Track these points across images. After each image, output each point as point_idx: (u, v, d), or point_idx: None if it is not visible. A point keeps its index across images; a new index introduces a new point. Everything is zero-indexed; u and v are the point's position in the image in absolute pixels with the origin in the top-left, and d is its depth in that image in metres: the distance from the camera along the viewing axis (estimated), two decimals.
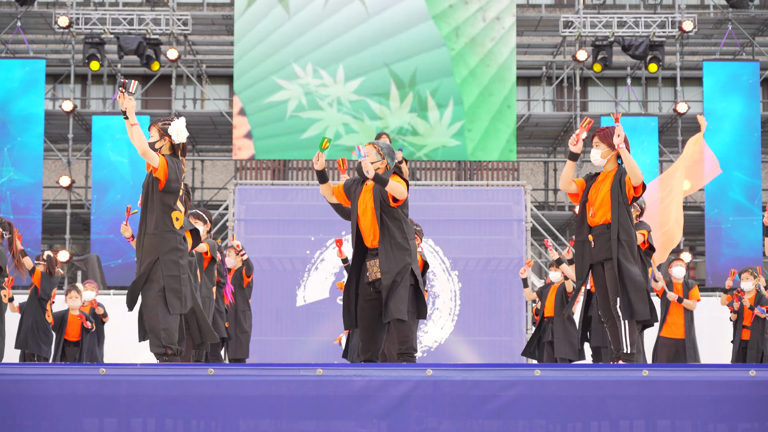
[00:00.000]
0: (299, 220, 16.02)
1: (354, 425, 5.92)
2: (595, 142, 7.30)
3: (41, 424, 5.92)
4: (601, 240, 7.17)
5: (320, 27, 18.83)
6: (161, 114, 19.91)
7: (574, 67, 20.04)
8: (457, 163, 19.89)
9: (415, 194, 15.22)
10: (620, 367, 6.60)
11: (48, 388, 5.97)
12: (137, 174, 18.57)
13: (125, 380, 6.01)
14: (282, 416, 5.96)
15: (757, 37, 20.56)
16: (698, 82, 20.42)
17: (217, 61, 22.21)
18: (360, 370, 6.08)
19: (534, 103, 21.62)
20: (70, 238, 19.57)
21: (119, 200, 17.94)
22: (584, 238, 7.26)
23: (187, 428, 5.97)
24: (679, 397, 5.95)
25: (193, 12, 20.27)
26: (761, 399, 5.91)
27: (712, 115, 18.61)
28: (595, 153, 7.27)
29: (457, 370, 6.12)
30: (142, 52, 18.95)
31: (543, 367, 6.11)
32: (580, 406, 5.95)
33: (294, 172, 20.59)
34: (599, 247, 7.17)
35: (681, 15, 19.47)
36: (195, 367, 6.27)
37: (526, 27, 20.77)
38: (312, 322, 14.70)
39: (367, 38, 18.79)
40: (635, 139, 18.83)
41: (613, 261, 7.10)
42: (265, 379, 6.07)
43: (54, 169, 21.71)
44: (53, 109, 20.60)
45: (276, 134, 18.77)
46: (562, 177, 7.37)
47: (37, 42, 21.57)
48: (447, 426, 5.92)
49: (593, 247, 7.20)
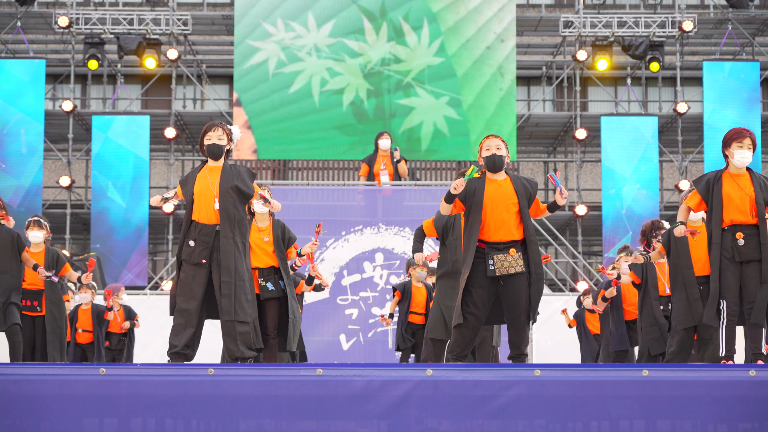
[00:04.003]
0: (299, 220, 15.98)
1: (354, 425, 5.92)
2: (748, 144, 7.29)
3: (41, 424, 5.92)
4: (753, 241, 7.21)
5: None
6: (161, 114, 19.92)
7: (574, 67, 20.03)
8: (457, 163, 19.87)
9: (415, 194, 15.22)
10: (620, 367, 6.60)
11: (48, 388, 5.97)
12: (137, 174, 18.58)
13: (125, 380, 6.01)
14: (282, 416, 5.96)
15: (757, 37, 20.55)
16: (698, 82, 20.40)
17: (217, 61, 22.21)
18: (360, 370, 6.08)
19: (534, 103, 21.62)
20: (70, 238, 19.57)
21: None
22: (721, 237, 7.26)
23: (187, 428, 5.97)
24: (679, 397, 5.95)
25: (193, 12, 20.26)
26: (761, 399, 5.91)
27: (711, 116, 18.62)
28: (747, 154, 7.28)
29: (457, 370, 6.12)
30: (142, 52, 18.96)
31: (543, 367, 6.10)
32: (580, 406, 5.95)
33: (294, 172, 20.58)
34: (752, 248, 7.21)
35: (681, 15, 19.46)
36: (195, 367, 6.27)
37: (526, 27, 20.77)
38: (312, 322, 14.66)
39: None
40: (635, 139, 18.84)
41: (763, 263, 7.16)
42: (265, 379, 6.07)
43: (54, 169, 21.70)
44: (53, 109, 20.59)
45: (264, 96, 18.81)
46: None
47: (37, 42, 21.56)
48: (447, 426, 5.92)
49: (742, 246, 7.20)
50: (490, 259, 7.08)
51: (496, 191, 7.17)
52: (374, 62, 18.76)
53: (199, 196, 7.32)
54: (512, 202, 7.16)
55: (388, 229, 14.90)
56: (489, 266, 7.06)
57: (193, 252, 7.25)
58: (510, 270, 7.06)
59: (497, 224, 7.13)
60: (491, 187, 7.19)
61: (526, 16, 21.02)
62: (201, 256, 7.22)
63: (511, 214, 7.16)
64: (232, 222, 7.26)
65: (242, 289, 7.24)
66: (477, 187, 7.19)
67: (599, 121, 19.16)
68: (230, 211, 7.27)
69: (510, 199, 7.17)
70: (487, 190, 7.17)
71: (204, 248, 7.24)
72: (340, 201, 15.41)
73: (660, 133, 19.51)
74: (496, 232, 7.13)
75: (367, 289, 14.75)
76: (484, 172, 7.27)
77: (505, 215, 7.15)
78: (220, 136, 7.46)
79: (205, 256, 7.23)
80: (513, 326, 7.18)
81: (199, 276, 7.24)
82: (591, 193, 21.78)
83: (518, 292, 7.09)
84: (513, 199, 7.17)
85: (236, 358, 7.26)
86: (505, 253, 7.10)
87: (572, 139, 19.96)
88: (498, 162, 7.21)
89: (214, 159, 7.44)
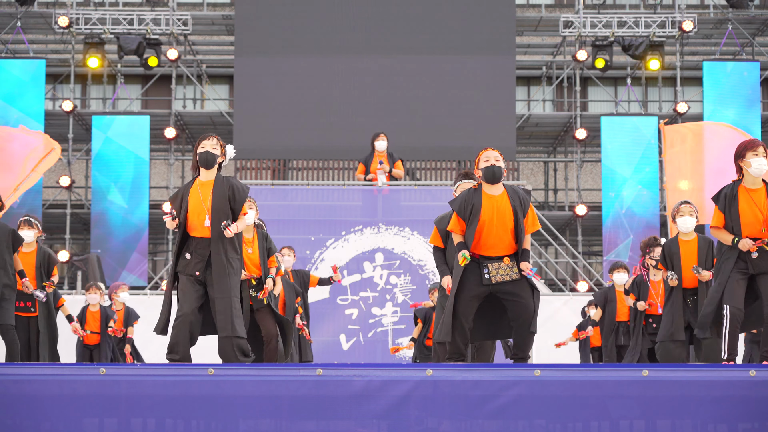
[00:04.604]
0: (299, 220, 16.00)
1: (354, 425, 5.92)
2: (762, 152, 7.27)
3: (41, 424, 5.92)
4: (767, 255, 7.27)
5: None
6: (161, 114, 19.92)
7: (574, 67, 20.03)
8: (457, 162, 19.87)
9: (415, 194, 15.22)
10: (620, 367, 6.60)
11: (48, 388, 5.97)
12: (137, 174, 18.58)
13: (125, 380, 6.01)
14: (282, 416, 5.96)
15: (757, 37, 20.55)
16: (698, 82, 20.40)
17: (217, 61, 22.21)
18: (360, 370, 6.08)
19: (534, 103, 21.62)
20: (70, 238, 19.56)
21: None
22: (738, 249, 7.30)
23: (187, 428, 5.97)
24: (679, 397, 5.95)
25: (193, 12, 20.26)
26: (761, 399, 5.91)
27: (711, 116, 18.60)
28: (764, 162, 7.24)
29: (457, 370, 6.12)
30: (142, 52, 18.96)
31: (543, 367, 6.10)
32: (580, 406, 5.95)
33: (294, 172, 20.58)
34: (766, 261, 7.26)
35: (681, 15, 19.46)
36: (195, 367, 6.26)
37: (526, 27, 20.77)
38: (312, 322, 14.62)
39: None
40: (635, 139, 18.83)
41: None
42: (265, 379, 6.07)
43: (54, 169, 21.67)
44: (53, 109, 20.59)
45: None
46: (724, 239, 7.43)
47: (37, 42, 21.56)
48: (447, 426, 5.92)
49: (756, 258, 7.25)
50: (484, 268, 7.12)
51: (493, 209, 7.17)
52: None
53: (192, 213, 7.30)
54: (509, 218, 7.17)
55: (388, 229, 14.90)
56: (484, 274, 7.10)
57: (188, 265, 7.29)
58: (505, 278, 7.10)
59: (493, 242, 7.17)
60: (488, 204, 7.19)
61: (526, 16, 21.02)
62: (195, 268, 7.26)
63: (507, 232, 7.18)
64: (224, 238, 7.24)
65: (235, 305, 7.28)
66: (474, 203, 7.20)
67: (599, 121, 19.16)
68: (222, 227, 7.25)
69: (506, 215, 7.17)
70: (484, 207, 7.17)
71: (199, 261, 7.27)
72: (340, 201, 15.41)
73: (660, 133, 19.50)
74: (491, 248, 7.17)
75: (367, 289, 14.75)
76: (480, 185, 7.28)
77: (501, 234, 7.17)
78: (214, 145, 7.43)
79: (199, 269, 7.25)
80: (519, 333, 7.21)
81: (194, 289, 7.27)
82: (591, 193, 21.78)
83: (527, 298, 7.13)
84: (509, 215, 7.17)
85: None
86: (500, 262, 7.14)
87: (572, 139, 19.95)
88: (498, 173, 7.23)
89: (206, 168, 7.38)
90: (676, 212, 8.93)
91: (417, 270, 14.69)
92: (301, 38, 18.80)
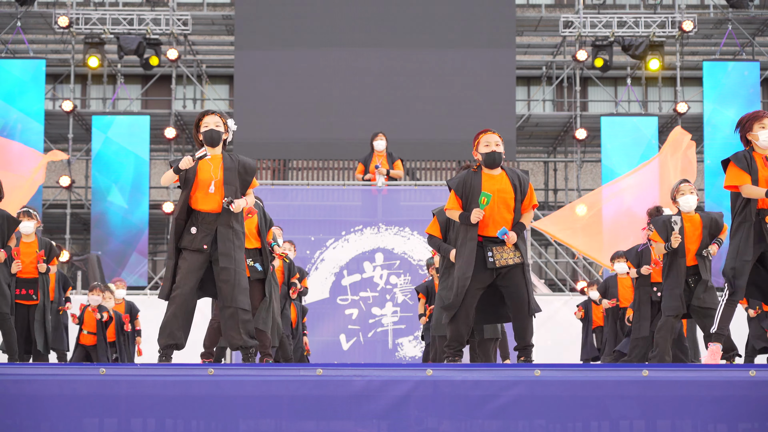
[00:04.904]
0: (299, 220, 16.00)
1: (354, 425, 5.92)
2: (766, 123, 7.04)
3: (41, 424, 5.91)
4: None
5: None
6: (161, 114, 19.92)
7: (574, 67, 20.03)
8: (457, 162, 19.88)
9: (415, 194, 15.21)
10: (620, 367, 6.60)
11: (48, 388, 5.97)
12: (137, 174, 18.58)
13: (125, 380, 6.01)
14: (282, 416, 5.96)
15: (757, 37, 20.55)
16: (698, 82, 20.40)
17: (217, 61, 22.21)
18: (360, 370, 6.07)
19: (534, 103, 21.62)
20: (70, 238, 19.56)
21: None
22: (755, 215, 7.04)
23: (187, 428, 5.96)
24: (679, 397, 5.94)
25: (193, 12, 20.26)
26: (761, 399, 5.91)
27: (711, 116, 18.61)
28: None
29: (457, 370, 6.12)
30: (142, 52, 18.96)
31: (543, 367, 6.10)
32: (580, 406, 5.95)
33: (294, 172, 20.57)
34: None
35: (681, 15, 19.46)
36: (195, 367, 6.26)
37: (526, 27, 20.76)
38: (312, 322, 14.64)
39: None
40: (635, 139, 18.83)
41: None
42: (265, 379, 6.07)
43: (54, 169, 21.70)
44: (53, 109, 20.59)
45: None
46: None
47: (37, 42, 21.56)
48: (447, 426, 5.92)
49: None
50: (489, 251, 7.19)
51: (494, 188, 7.26)
52: None
53: (201, 188, 7.27)
54: (510, 197, 7.28)
55: (388, 229, 14.90)
56: (488, 258, 7.15)
57: (194, 239, 7.24)
58: (509, 261, 7.21)
59: (496, 221, 7.24)
60: (489, 183, 7.28)
61: (526, 16, 21.01)
62: (203, 242, 7.23)
63: (509, 211, 7.28)
64: (231, 212, 7.25)
65: (241, 276, 7.26)
66: (474, 185, 7.24)
67: (599, 121, 19.16)
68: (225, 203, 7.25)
69: (508, 194, 7.28)
70: (485, 187, 7.26)
71: (206, 235, 7.24)
72: (340, 201, 15.41)
73: (660, 133, 19.51)
74: (494, 227, 7.24)
75: (367, 289, 14.74)
76: (479, 167, 7.32)
77: (504, 212, 7.27)
78: (218, 122, 7.38)
79: (207, 242, 7.23)
80: (518, 318, 7.28)
81: (197, 263, 7.23)
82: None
83: (518, 285, 7.23)
84: (510, 195, 7.28)
85: (238, 347, 7.26)
86: (503, 245, 7.23)
87: (572, 139, 19.95)
88: (498, 159, 7.33)
89: (211, 146, 7.33)
90: (677, 192, 8.73)
91: (417, 270, 14.68)
92: (301, 33, 18.80)
